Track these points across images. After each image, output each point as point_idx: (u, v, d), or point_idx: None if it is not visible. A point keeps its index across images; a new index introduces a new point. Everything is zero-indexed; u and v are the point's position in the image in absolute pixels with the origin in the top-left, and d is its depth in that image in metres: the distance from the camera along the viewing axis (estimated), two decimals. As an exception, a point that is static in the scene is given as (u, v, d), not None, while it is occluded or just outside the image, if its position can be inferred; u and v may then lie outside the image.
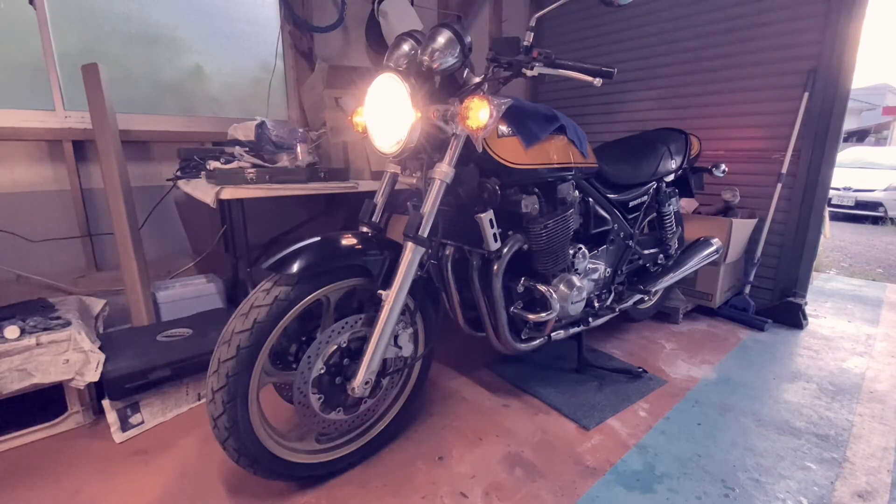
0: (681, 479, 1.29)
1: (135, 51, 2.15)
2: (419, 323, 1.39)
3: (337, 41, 2.66)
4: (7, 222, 1.88)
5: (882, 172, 7.09)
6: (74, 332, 1.42)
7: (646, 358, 1.94)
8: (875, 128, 15.34)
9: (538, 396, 1.67)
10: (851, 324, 2.46)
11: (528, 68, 1.14)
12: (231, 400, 1.04)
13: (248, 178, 1.62)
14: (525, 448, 1.40)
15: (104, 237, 2.08)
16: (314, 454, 1.24)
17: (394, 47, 1.24)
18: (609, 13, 2.95)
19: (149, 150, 2.17)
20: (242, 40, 2.42)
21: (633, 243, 1.89)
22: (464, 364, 1.91)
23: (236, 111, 2.44)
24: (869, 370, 1.92)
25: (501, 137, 1.29)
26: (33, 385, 1.35)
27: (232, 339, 1.04)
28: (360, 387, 1.14)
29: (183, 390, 1.55)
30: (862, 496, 1.22)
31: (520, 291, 1.49)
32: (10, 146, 1.87)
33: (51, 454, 1.35)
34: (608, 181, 1.76)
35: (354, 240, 1.21)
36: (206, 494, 1.20)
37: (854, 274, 3.83)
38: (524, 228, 1.42)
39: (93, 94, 1.81)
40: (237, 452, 1.08)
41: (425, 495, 1.21)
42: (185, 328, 1.68)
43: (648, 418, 1.55)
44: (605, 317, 1.83)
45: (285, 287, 1.08)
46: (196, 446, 1.39)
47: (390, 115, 1.17)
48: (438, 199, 1.18)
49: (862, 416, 1.58)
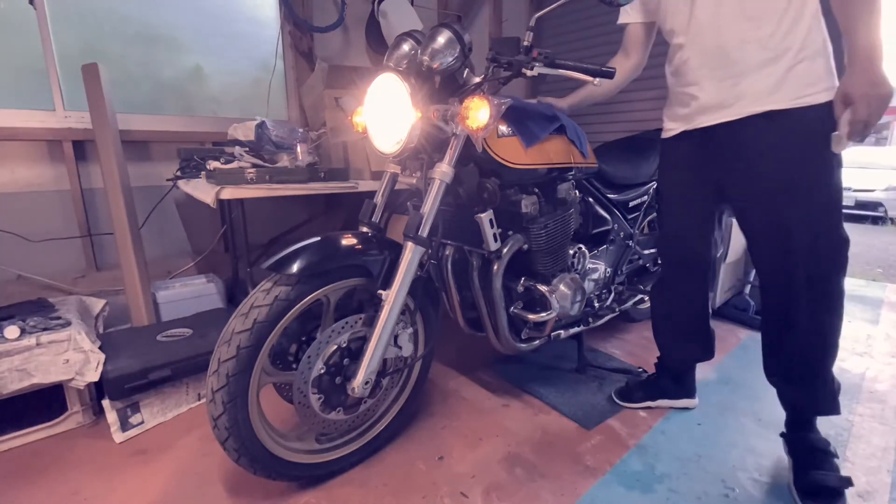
0: (681, 479, 1.28)
1: (135, 51, 2.15)
2: (419, 323, 1.39)
3: (337, 41, 2.66)
4: (7, 222, 1.88)
5: (882, 172, 7.08)
6: (74, 332, 1.42)
7: (646, 358, 1.94)
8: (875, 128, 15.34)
9: (538, 396, 1.67)
10: (851, 324, 2.46)
11: (528, 68, 1.14)
12: (231, 400, 1.04)
13: (248, 178, 1.62)
14: (525, 448, 1.40)
15: (104, 237, 2.08)
16: (314, 454, 1.24)
17: (394, 47, 1.24)
18: (609, 13, 2.93)
19: (149, 150, 2.17)
20: (242, 40, 2.42)
21: (633, 243, 1.89)
22: (464, 364, 1.91)
23: (236, 111, 2.44)
24: (869, 370, 1.92)
25: (501, 137, 1.29)
26: (33, 385, 1.35)
27: (232, 339, 1.04)
28: (360, 387, 1.14)
29: (183, 390, 1.55)
30: (862, 496, 1.22)
31: (520, 291, 1.49)
32: (10, 146, 1.87)
33: (51, 454, 1.35)
34: (608, 181, 1.76)
35: (354, 240, 1.21)
36: (206, 494, 1.21)
37: (854, 274, 3.83)
38: (524, 228, 1.42)
39: (93, 94, 1.81)
40: (237, 452, 1.08)
41: (425, 495, 1.21)
42: (185, 328, 1.68)
43: (648, 418, 1.55)
44: (606, 317, 1.83)
45: (285, 287, 1.08)
46: (196, 446, 1.39)
47: (390, 115, 1.17)
48: (438, 199, 1.17)
49: (862, 416, 1.58)
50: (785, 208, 1.14)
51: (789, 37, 1.07)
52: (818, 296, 1.15)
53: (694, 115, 1.24)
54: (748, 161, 1.17)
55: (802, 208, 1.12)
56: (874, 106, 0.96)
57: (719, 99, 1.17)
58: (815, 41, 1.08)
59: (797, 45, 1.07)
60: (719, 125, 1.19)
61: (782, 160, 1.12)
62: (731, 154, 1.20)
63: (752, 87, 1.12)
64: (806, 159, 1.11)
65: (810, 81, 1.08)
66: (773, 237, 1.18)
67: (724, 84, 1.16)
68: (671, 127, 1.34)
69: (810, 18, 1.08)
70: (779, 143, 1.12)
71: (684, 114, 1.27)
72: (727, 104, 1.16)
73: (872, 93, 0.96)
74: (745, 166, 1.18)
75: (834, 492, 1.14)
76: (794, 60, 1.08)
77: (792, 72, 1.08)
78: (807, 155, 1.10)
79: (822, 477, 1.16)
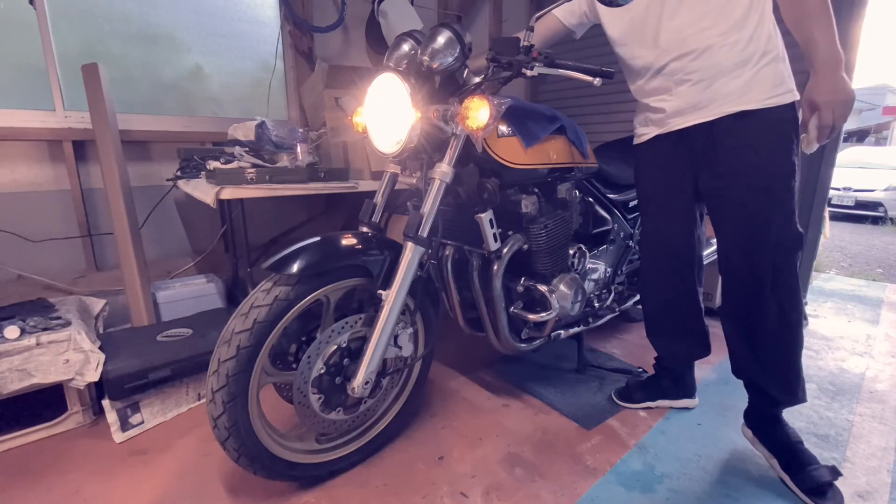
0: (681, 479, 1.29)
1: (135, 51, 2.14)
2: (419, 323, 1.39)
3: (337, 41, 2.66)
4: (7, 222, 1.88)
5: (882, 172, 7.09)
6: (74, 332, 1.42)
7: (646, 358, 1.94)
8: (875, 128, 15.35)
9: (538, 396, 1.67)
10: (851, 324, 2.46)
11: (528, 68, 1.14)
12: (231, 400, 1.04)
13: (248, 178, 1.62)
14: (525, 448, 1.40)
15: (104, 237, 2.08)
16: (314, 454, 1.24)
17: (394, 47, 1.24)
18: (609, 13, 2.94)
19: (149, 150, 2.17)
20: (242, 40, 2.42)
21: (633, 243, 1.89)
22: (464, 364, 1.91)
23: (236, 111, 2.44)
24: (869, 370, 1.92)
25: (501, 137, 1.29)
26: (33, 385, 1.35)
27: (232, 339, 1.04)
28: (360, 387, 1.14)
29: (183, 390, 1.55)
30: (862, 496, 1.22)
31: (520, 291, 1.49)
32: (10, 146, 1.87)
33: (51, 454, 1.35)
34: (608, 181, 1.76)
35: (354, 240, 1.21)
36: (206, 494, 1.21)
37: (854, 274, 3.83)
38: (524, 228, 1.42)
39: (93, 94, 1.81)
40: (237, 452, 1.08)
41: (425, 495, 1.21)
42: (185, 328, 1.68)
43: (648, 418, 1.55)
44: (606, 317, 1.83)
45: (285, 287, 1.08)
46: (196, 446, 1.39)
47: (390, 115, 1.17)
48: (438, 199, 1.18)
49: (862, 416, 1.58)
50: (756, 203, 1.19)
51: (753, 43, 1.14)
52: (782, 289, 1.21)
53: (667, 119, 1.29)
54: (721, 159, 1.22)
55: (773, 202, 1.19)
56: (838, 111, 1.06)
57: (693, 101, 1.22)
58: (776, 46, 1.16)
59: (761, 50, 1.14)
60: (693, 126, 1.24)
61: (754, 157, 1.18)
62: (705, 153, 1.25)
63: (724, 87, 1.17)
64: (775, 156, 1.17)
65: (776, 83, 1.16)
66: (745, 231, 1.23)
67: (696, 87, 1.20)
68: (644, 132, 1.39)
69: (770, 25, 1.15)
70: (750, 141, 1.18)
71: (657, 119, 1.32)
72: (701, 105, 1.21)
73: (835, 99, 1.05)
74: (718, 164, 1.23)
75: (830, 484, 1.20)
76: (759, 64, 1.15)
77: (759, 74, 1.15)
78: (776, 152, 1.17)
79: (818, 474, 1.21)
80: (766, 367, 1.28)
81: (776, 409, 1.32)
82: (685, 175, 1.33)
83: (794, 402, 1.29)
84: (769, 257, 1.20)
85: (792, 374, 1.26)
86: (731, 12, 1.13)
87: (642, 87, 1.33)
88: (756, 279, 1.23)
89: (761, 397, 1.33)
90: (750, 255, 1.23)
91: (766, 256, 1.20)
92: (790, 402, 1.29)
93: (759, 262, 1.22)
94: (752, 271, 1.23)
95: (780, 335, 1.24)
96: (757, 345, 1.28)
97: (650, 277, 1.54)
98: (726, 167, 1.22)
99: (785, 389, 1.27)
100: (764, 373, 1.29)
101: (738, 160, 1.20)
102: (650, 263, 1.53)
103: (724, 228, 1.29)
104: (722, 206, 1.27)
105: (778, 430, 1.31)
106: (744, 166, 1.19)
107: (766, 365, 1.28)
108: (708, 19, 1.15)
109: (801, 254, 1.23)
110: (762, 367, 1.28)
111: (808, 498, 1.19)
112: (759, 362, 1.28)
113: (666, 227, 1.43)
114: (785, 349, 1.25)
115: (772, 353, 1.26)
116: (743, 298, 1.28)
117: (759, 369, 1.29)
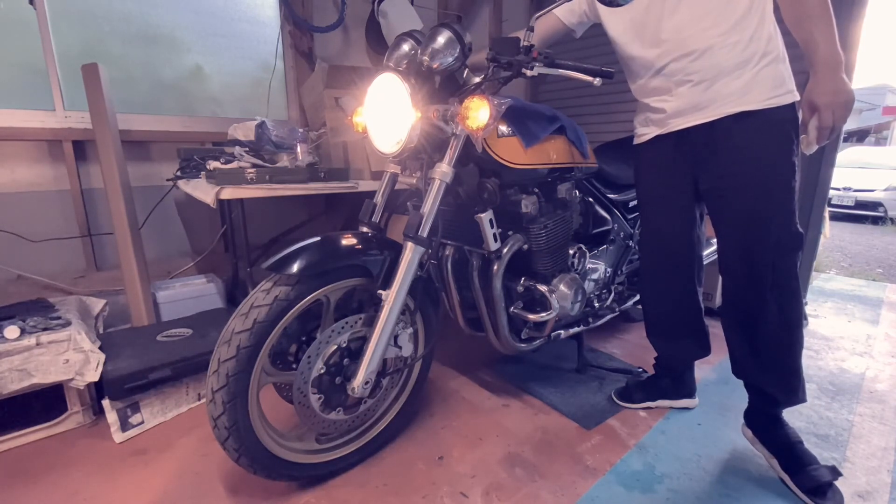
0: (681, 479, 1.29)
1: (135, 51, 2.15)
2: (419, 323, 1.39)
3: (337, 41, 2.66)
4: (7, 222, 1.88)
5: (882, 172, 7.09)
6: (74, 332, 1.42)
7: (646, 358, 1.94)
8: (875, 128, 15.36)
9: (538, 396, 1.67)
10: (851, 324, 2.46)
11: (528, 68, 1.14)
12: (231, 400, 1.04)
13: (248, 178, 1.62)
14: (525, 448, 1.40)
15: (104, 237, 2.08)
16: (314, 454, 1.24)
17: (394, 47, 1.24)
18: (609, 13, 2.94)
19: (149, 150, 2.17)
20: (242, 40, 2.42)
21: (633, 243, 1.89)
22: (464, 364, 1.91)
23: (236, 111, 2.44)
24: (869, 370, 1.92)
25: (501, 137, 1.29)
26: (33, 385, 1.35)
27: (232, 339, 1.04)
28: (360, 387, 1.14)
29: (183, 390, 1.55)
30: (862, 496, 1.22)
31: (520, 291, 1.49)
32: (10, 146, 1.87)
33: (51, 454, 1.35)
34: (608, 181, 1.76)
35: (354, 240, 1.21)
36: (206, 494, 1.21)
37: (854, 274, 3.83)
38: (524, 228, 1.42)
39: (93, 94, 1.81)
40: (237, 452, 1.08)
41: (425, 495, 1.21)
42: (185, 328, 1.68)
43: (648, 418, 1.55)
44: (606, 317, 1.83)
45: (285, 287, 1.08)
46: (196, 446, 1.39)
47: (390, 115, 1.17)
48: (438, 199, 1.18)
49: (862, 416, 1.58)
50: (757, 203, 1.19)
51: (753, 43, 1.14)
52: (782, 289, 1.21)
53: (667, 119, 1.29)
54: (721, 159, 1.22)
55: (773, 203, 1.18)
56: (838, 112, 1.06)
57: (694, 102, 1.22)
58: (776, 47, 1.16)
59: (761, 51, 1.14)
60: (693, 127, 1.24)
61: (754, 158, 1.18)
62: (705, 153, 1.25)
63: (725, 88, 1.17)
64: (776, 156, 1.17)
65: (776, 84, 1.16)
66: (745, 231, 1.23)
67: (697, 88, 1.20)
68: (644, 132, 1.39)
69: (770, 26, 1.15)
70: (751, 141, 1.18)
71: (657, 119, 1.32)
72: (702, 106, 1.21)
73: (835, 100, 1.05)
74: (719, 164, 1.23)
75: (830, 484, 1.20)
76: (760, 65, 1.15)
77: (760, 75, 1.15)
78: (776, 152, 1.17)
79: (818, 474, 1.21)
80: (766, 367, 1.28)
81: (776, 409, 1.32)
82: (685, 175, 1.33)
83: (794, 402, 1.29)
84: (769, 257, 1.20)
85: (792, 374, 1.26)
86: (731, 12, 1.13)
87: (642, 87, 1.33)
88: (756, 279, 1.23)
89: (761, 397, 1.33)
90: (750, 256, 1.23)
91: (766, 256, 1.20)
92: (790, 402, 1.29)
93: (759, 263, 1.22)
94: (753, 271, 1.23)
95: (781, 335, 1.24)
96: (757, 345, 1.28)
97: (650, 277, 1.54)
98: (727, 168, 1.22)
99: (785, 389, 1.27)
100: (764, 373, 1.29)
101: (739, 161, 1.20)
102: (650, 263, 1.53)
103: (724, 229, 1.29)
104: (722, 207, 1.27)
105: (778, 430, 1.31)
106: (744, 167, 1.19)
107: (766, 365, 1.28)
108: (708, 19, 1.15)
109: (801, 254, 1.23)
110: (762, 367, 1.28)
111: (808, 498, 1.19)
112: (760, 362, 1.28)
113: (666, 228, 1.43)
114: (785, 349, 1.25)
115: (772, 353, 1.26)
116: (743, 298, 1.28)
117: (760, 369, 1.29)
